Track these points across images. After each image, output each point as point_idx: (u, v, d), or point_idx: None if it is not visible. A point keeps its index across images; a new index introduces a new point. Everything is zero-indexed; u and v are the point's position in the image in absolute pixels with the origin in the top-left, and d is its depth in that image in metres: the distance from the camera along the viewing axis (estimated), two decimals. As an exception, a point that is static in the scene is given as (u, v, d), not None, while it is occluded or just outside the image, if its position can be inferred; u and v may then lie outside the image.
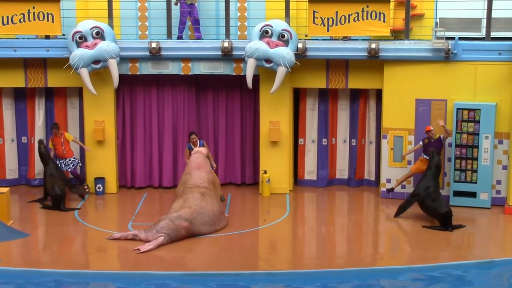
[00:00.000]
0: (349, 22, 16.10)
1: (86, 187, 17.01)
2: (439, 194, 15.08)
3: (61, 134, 16.69)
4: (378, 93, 17.21)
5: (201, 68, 16.81)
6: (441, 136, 15.84)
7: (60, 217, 15.54)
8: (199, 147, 16.03)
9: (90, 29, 16.16)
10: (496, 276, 13.03)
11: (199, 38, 16.98)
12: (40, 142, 16.47)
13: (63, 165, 16.64)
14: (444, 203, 14.96)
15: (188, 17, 16.97)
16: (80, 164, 17.06)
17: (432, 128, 15.77)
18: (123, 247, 13.72)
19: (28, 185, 17.73)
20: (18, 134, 17.75)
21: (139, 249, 13.40)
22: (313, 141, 17.68)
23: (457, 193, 15.93)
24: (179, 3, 16.84)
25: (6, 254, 13.39)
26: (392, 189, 16.43)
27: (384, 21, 16.03)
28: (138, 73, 16.91)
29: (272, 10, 16.63)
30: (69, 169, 16.75)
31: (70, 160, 16.71)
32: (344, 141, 17.70)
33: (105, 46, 16.09)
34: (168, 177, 17.59)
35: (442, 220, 14.73)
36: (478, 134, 15.80)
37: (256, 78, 16.59)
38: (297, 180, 17.90)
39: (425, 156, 15.82)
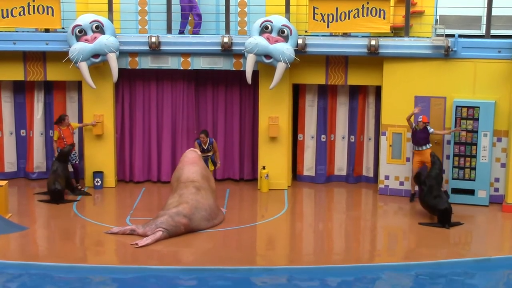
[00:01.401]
0: (349, 18, 16.09)
1: (80, 187, 16.92)
2: (440, 191, 15.11)
3: (68, 125, 16.69)
4: (378, 90, 17.20)
5: (201, 63, 16.80)
6: (427, 125, 15.81)
7: (58, 210, 15.55)
8: (208, 145, 16.02)
9: (90, 23, 16.14)
10: (494, 274, 13.05)
11: (196, 33, 16.96)
12: (73, 146, 16.58)
13: (70, 157, 16.63)
14: (445, 199, 14.98)
15: (190, 12, 16.97)
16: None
17: (428, 121, 15.76)
18: (121, 241, 13.73)
19: (27, 178, 17.73)
20: (17, 127, 17.73)
21: (137, 244, 13.41)
22: (312, 137, 17.69)
23: (456, 191, 15.93)
24: None
25: (4, 248, 13.41)
26: (413, 195, 16.34)
27: (384, 18, 16.02)
28: (137, 68, 16.91)
29: (272, 6, 16.62)
30: (73, 162, 16.76)
31: (74, 152, 16.73)
32: (343, 138, 17.71)
33: (105, 40, 16.08)
34: (167, 171, 17.57)
35: (441, 216, 14.75)
36: (477, 132, 15.81)
37: (255, 74, 16.59)
38: (296, 176, 17.91)
39: (416, 148, 15.82)
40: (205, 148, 16.05)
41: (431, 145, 15.86)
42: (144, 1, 17.11)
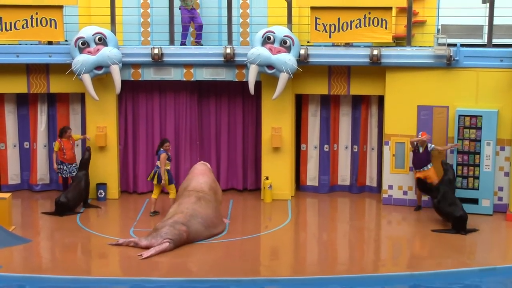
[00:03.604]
0: (351, 28, 16.12)
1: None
2: (455, 197, 15.19)
3: (69, 138, 16.68)
4: (380, 100, 17.20)
5: (204, 74, 16.83)
6: (428, 145, 15.89)
7: (62, 223, 15.54)
8: (158, 154, 15.90)
9: (93, 35, 16.19)
10: (499, 283, 13.00)
11: (198, 43, 17.01)
12: (88, 149, 16.59)
13: (69, 170, 16.62)
14: (460, 206, 14.99)
15: (191, 23, 17.02)
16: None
17: (428, 137, 15.77)
18: (125, 253, 13.71)
19: (30, 191, 17.74)
20: (20, 139, 17.75)
21: (141, 255, 13.40)
22: (315, 147, 17.69)
23: (459, 200, 15.87)
24: (180, 9, 16.90)
25: (7, 260, 13.38)
26: (419, 207, 16.35)
27: (386, 28, 16.04)
28: (140, 79, 16.94)
29: (274, 17, 16.65)
30: (73, 175, 16.75)
31: (75, 165, 16.72)
32: (346, 147, 17.70)
33: (108, 52, 16.11)
34: (170, 182, 17.60)
35: (456, 223, 14.77)
36: (480, 141, 15.80)
37: (258, 84, 16.61)
38: (299, 186, 17.90)
39: (420, 170, 15.87)
40: (169, 156, 16.02)
41: (432, 164, 15.92)
42: (147, 13, 17.17)
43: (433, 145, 15.89)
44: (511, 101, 15.76)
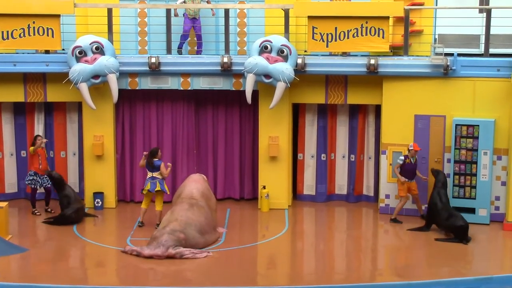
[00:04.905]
0: (348, 38, 16.16)
1: (51, 210, 16.75)
2: (450, 209, 15.26)
3: (43, 147, 16.56)
4: (377, 109, 17.23)
5: (201, 83, 16.85)
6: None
7: (59, 232, 15.51)
8: (156, 165, 15.77)
9: (90, 44, 16.20)
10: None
11: (199, 53, 17.05)
12: (49, 172, 16.37)
13: (41, 182, 16.48)
14: (460, 217, 15.02)
15: (191, 30, 17.06)
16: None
17: (420, 149, 15.80)
18: (122, 262, 13.69)
19: (27, 199, 17.68)
20: (17, 148, 17.75)
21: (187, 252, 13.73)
22: (312, 156, 17.70)
23: (456, 209, 15.87)
24: (183, 16, 16.94)
25: (4, 269, 13.35)
26: (395, 219, 16.28)
27: (383, 37, 16.09)
28: (137, 88, 16.95)
29: (271, 26, 16.71)
30: (48, 185, 16.59)
31: (46, 176, 16.59)
32: (343, 157, 17.71)
33: (105, 61, 16.13)
34: (167, 191, 17.59)
35: (458, 233, 14.82)
36: (477, 150, 15.82)
37: (255, 93, 16.63)
38: (296, 195, 17.89)
39: (407, 180, 15.86)
40: None
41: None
42: (144, 22, 17.22)
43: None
44: (508, 110, 15.79)
